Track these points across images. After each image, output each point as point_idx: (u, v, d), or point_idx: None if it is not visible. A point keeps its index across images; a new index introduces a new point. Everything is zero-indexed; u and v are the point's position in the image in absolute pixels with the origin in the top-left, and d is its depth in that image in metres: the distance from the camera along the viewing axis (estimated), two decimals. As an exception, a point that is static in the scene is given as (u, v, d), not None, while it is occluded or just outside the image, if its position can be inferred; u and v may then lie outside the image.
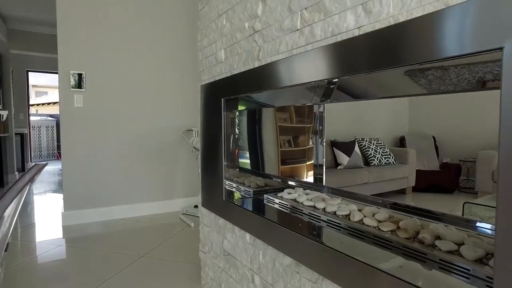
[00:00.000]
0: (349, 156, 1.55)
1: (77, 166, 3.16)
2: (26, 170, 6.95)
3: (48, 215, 3.61)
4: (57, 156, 10.27)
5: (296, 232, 1.11)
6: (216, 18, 1.61)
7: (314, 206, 1.31)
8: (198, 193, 3.68)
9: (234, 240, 1.51)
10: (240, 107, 1.57)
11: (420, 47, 0.67)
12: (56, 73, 6.76)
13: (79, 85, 3.10)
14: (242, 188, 1.72)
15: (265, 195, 1.58)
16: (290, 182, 1.58)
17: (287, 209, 1.39)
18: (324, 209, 1.27)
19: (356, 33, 0.85)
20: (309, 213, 1.29)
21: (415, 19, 0.69)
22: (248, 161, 1.75)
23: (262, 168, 1.71)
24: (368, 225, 1.04)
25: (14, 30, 5.74)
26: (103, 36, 3.19)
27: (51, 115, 10.98)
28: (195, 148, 3.25)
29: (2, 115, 5.33)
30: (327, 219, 1.17)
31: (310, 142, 1.50)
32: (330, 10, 0.93)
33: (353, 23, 0.86)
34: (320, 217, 1.22)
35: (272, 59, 1.18)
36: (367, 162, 1.36)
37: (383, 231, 0.99)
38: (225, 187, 1.58)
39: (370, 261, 0.85)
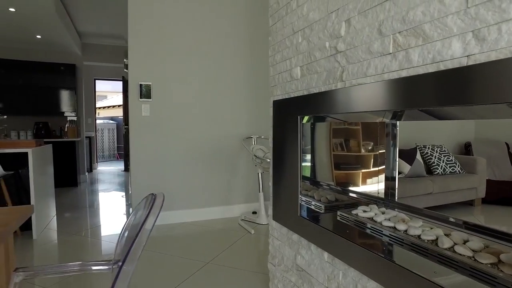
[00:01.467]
0: (411, 164, 1.48)
1: (143, 172, 3.36)
2: (92, 170, 7.51)
3: (115, 216, 3.88)
4: (117, 156, 11.00)
5: (381, 256, 1.09)
6: (290, 35, 1.62)
7: (394, 227, 1.28)
8: (257, 199, 3.76)
9: (310, 257, 1.51)
10: (309, 120, 1.57)
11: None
12: (118, 80, 7.26)
13: (146, 95, 3.29)
14: (313, 202, 1.73)
15: (338, 211, 1.57)
16: (360, 196, 1.55)
17: (364, 229, 1.36)
18: (405, 231, 1.23)
19: (464, 62, 0.81)
20: (389, 234, 1.26)
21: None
22: (316, 173, 1.74)
23: (333, 181, 1.70)
24: (461, 254, 0.99)
25: (86, 44, 6.26)
26: (169, 50, 3.37)
27: (111, 118, 11.78)
28: (255, 156, 3.30)
29: (74, 120, 5.81)
30: (411, 243, 1.14)
31: (381, 154, 1.46)
32: (430, 36, 0.90)
33: (460, 51, 0.82)
34: (403, 240, 1.18)
35: (359, 81, 1.16)
36: (429, 171, 1.30)
37: (482, 263, 0.94)
38: (300, 203, 1.60)
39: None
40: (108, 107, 15.21)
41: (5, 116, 5.62)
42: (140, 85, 3.27)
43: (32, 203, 3.04)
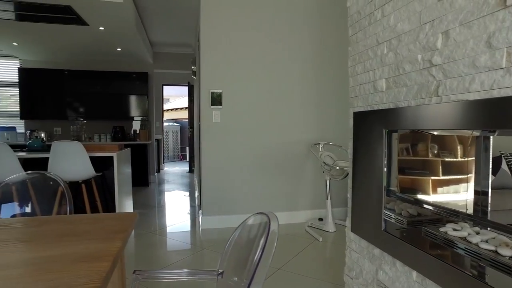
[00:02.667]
0: (494, 175, 1.36)
1: (213, 176, 3.51)
2: (160, 171, 7.98)
3: (181, 215, 4.10)
4: (180, 157, 11.59)
5: (485, 283, 1.02)
6: (374, 46, 1.59)
7: (496, 251, 1.19)
8: (322, 206, 3.73)
9: (394, 274, 1.47)
10: (391, 131, 1.52)
11: None
12: (183, 85, 7.65)
13: (217, 102, 3.44)
14: (393, 215, 1.67)
15: (423, 227, 1.51)
16: (446, 212, 1.47)
17: (457, 250, 1.29)
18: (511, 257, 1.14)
19: None
20: (490, 259, 1.17)
21: None
22: (396, 185, 1.68)
23: (415, 195, 1.63)
24: None
25: (156, 53, 6.72)
26: (239, 57, 3.48)
27: (175, 121, 12.45)
28: (324, 163, 3.28)
29: (145, 124, 6.26)
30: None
31: (468, 167, 1.37)
32: (555, 51, 0.83)
33: None
34: (511, 269, 1.09)
35: (459, 97, 1.11)
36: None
37: None
38: (383, 218, 1.56)
39: None
40: (171, 109, 16.12)
41: (85, 121, 6.24)
42: (212, 92, 3.43)
43: (116, 201, 3.34)
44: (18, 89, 5.97)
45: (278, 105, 3.60)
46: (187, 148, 11.38)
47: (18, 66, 6.07)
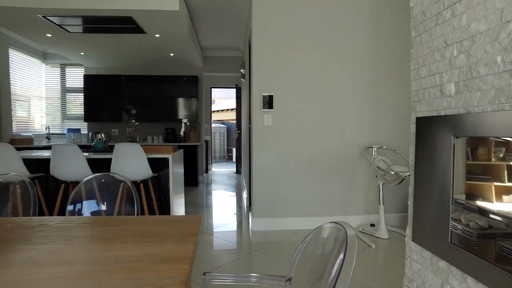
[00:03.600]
0: None
1: (264, 178, 3.55)
2: (208, 171, 8.19)
3: (228, 216, 4.18)
4: (227, 158, 11.83)
5: None
6: (441, 48, 1.52)
7: None
8: (374, 211, 3.61)
9: (465, 289, 1.39)
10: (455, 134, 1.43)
11: None
12: (231, 87, 7.80)
13: (269, 105, 3.47)
14: (459, 226, 1.57)
15: (498, 242, 1.40)
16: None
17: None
18: None
19: None
20: None
21: None
22: (463, 194, 1.58)
23: (486, 205, 1.52)
24: None
25: (206, 56, 6.94)
26: (291, 60, 3.49)
27: (222, 122, 12.74)
28: (378, 167, 3.18)
29: (195, 126, 6.46)
30: None
31: None
32: None
33: None
34: None
35: (548, 102, 1.02)
36: None
37: None
38: (451, 229, 1.48)
39: None
40: (217, 111, 16.52)
41: (137, 123, 6.60)
42: (263, 96, 3.46)
43: (170, 200, 3.50)
44: (82, 94, 6.48)
45: (330, 108, 3.55)
46: (234, 149, 11.59)
47: (83, 73, 6.58)
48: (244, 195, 5.30)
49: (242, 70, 5.48)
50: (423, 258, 1.68)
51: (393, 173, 3.07)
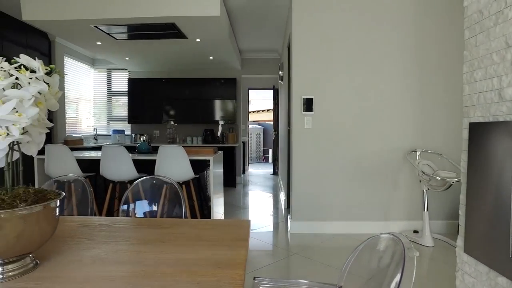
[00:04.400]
0: None
1: (304, 181, 3.53)
2: (245, 172, 8.27)
3: (265, 217, 4.20)
4: (263, 159, 11.89)
5: None
6: (502, 49, 1.43)
7: None
8: (417, 217, 3.47)
9: (526, 307, 1.30)
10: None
11: None
12: (268, 89, 7.83)
13: (309, 108, 3.45)
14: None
15: None
16: None
17: None
18: None
19: None
20: None
21: None
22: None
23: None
24: None
25: (244, 59, 7.03)
26: (332, 63, 3.45)
27: (258, 123, 12.82)
28: (423, 172, 3.06)
29: (233, 127, 6.57)
30: None
31: None
32: None
33: None
34: None
35: None
36: None
37: None
38: None
39: None
40: (253, 112, 16.64)
41: (177, 125, 6.81)
42: (303, 98, 3.45)
43: (211, 201, 3.58)
44: (126, 97, 6.81)
45: (372, 110, 3.47)
46: (270, 150, 11.62)
47: (128, 77, 6.91)
48: (282, 197, 5.31)
49: (280, 72, 5.50)
50: (477, 271, 1.60)
51: (439, 178, 2.94)
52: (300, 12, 3.46)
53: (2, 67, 0.89)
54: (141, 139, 6.38)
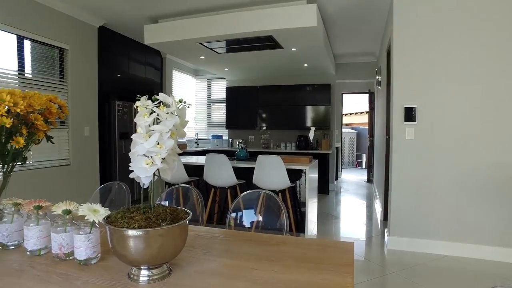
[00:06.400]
0: None
1: (404, 194, 3.32)
2: (337, 179, 8.11)
3: (367, 232, 4.03)
4: (356, 164, 11.46)
5: None
6: None
7: None
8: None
9: None
10: None
11: None
12: (363, 93, 7.52)
13: (411, 118, 3.23)
14: None
15: None
16: None
17: None
18: None
19: None
20: None
21: None
22: None
23: None
24: None
25: (338, 64, 6.91)
26: (439, 68, 3.17)
27: (351, 127, 12.40)
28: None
29: (327, 133, 6.50)
30: None
31: None
32: None
33: None
34: None
35: None
36: None
37: None
38: None
39: None
40: (345, 114, 16.16)
41: (271, 130, 7.01)
42: (405, 108, 3.25)
43: (306, 209, 3.62)
44: (224, 104, 7.31)
45: (487, 120, 3.08)
46: (363, 155, 11.14)
47: (226, 86, 7.42)
48: (377, 207, 5.06)
49: (377, 77, 5.25)
50: None
51: None
52: (402, 14, 3.26)
53: (147, 105, 1.07)
54: (238, 144, 6.77)
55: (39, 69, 4.03)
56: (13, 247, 1.28)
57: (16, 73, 3.72)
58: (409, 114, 3.23)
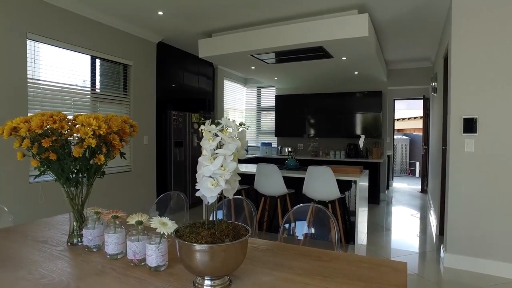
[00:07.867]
0: None
1: (464, 210, 3.15)
2: (389, 188, 7.84)
3: (420, 247, 3.86)
4: (408, 172, 10.94)
5: None
6: None
7: None
8: None
9: None
10: None
11: None
12: (417, 99, 7.20)
13: (470, 129, 3.07)
14: None
15: None
16: None
17: None
18: None
19: None
20: None
21: None
22: None
23: None
24: None
25: (390, 70, 6.71)
26: (501, 76, 2.98)
27: (404, 133, 11.88)
28: None
29: (378, 141, 6.32)
30: None
31: None
32: None
33: None
34: None
35: None
36: None
37: None
38: None
39: None
40: (398, 119, 15.49)
41: (319, 138, 6.96)
42: (464, 119, 3.10)
43: (356, 219, 3.59)
44: (274, 112, 7.43)
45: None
46: (417, 163, 10.61)
47: (275, 94, 7.54)
48: (432, 220, 4.82)
49: (433, 84, 5.02)
50: None
51: None
52: (461, 21, 3.12)
53: (210, 130, 1.19)
54: (287, 152, 6.83)
55: (106, 84, 4.44)
56: (96, 250, 1.48)
57: (89, 90, 4.15)
58: (469, 125, 3.07)
